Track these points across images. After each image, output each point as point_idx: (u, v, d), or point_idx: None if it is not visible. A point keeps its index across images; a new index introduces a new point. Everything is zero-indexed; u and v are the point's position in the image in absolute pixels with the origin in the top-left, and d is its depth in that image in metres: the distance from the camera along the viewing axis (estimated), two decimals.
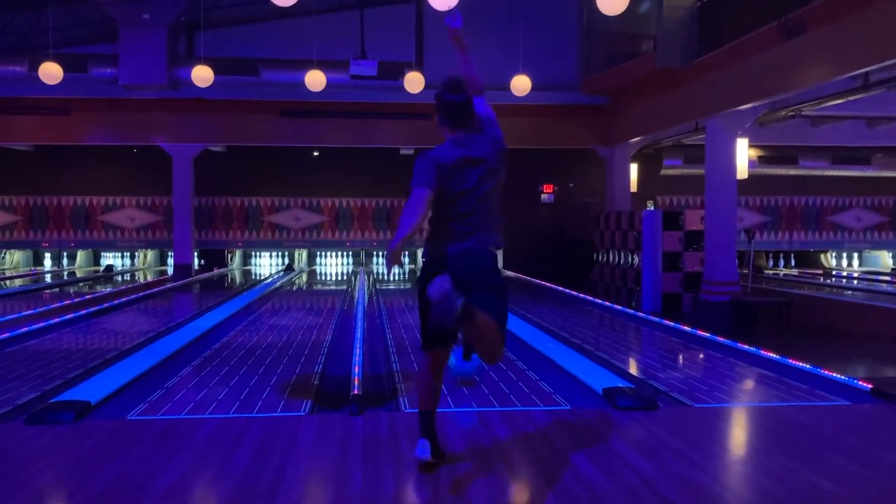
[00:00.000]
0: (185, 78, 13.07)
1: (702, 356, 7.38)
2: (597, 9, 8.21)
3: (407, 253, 20.30)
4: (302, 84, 12.45)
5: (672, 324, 8.94)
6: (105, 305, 10.55)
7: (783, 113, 12.39)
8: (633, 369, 6.62)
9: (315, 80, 12.20)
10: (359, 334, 7.78)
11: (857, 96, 10.31)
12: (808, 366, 6.16)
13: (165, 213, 18.40)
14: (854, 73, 8.54)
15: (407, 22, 14.65)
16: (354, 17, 13.80)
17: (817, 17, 8.37)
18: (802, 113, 12.61)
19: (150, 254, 19.58)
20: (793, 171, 17.84)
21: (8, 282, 15.64)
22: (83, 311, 9.82)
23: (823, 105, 11.44)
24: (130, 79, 13.27)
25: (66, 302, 11.27)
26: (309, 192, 19.00)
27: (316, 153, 18.65)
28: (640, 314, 10.13)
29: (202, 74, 12.02)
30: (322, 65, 12.62)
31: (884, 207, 19.80)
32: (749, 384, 6.12)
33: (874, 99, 10.72)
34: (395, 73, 13.25)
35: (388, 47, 13.90)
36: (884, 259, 20.04)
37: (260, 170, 18.57)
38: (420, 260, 19.92)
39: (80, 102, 15.12)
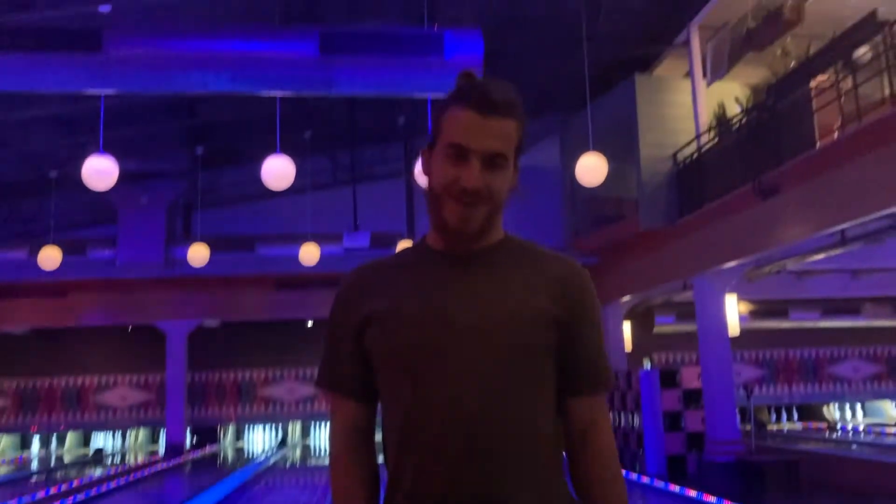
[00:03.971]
0: (182, 257, 13.35)
1: None
2: None
3: None
4: (297, 257, 12.75)
5: (678, 489, 8.68)
6: (94, 492, 10.19)
7: (768, 269, 12.62)
8: None
9: (309, 255, 12.48)
10: None
11: (837, 251, 10.53)
12: None
13: (158, 391, 18.12)
14: (830, 230, 8.79)
15: (398, 194, 15.16)
16: (348, 192, 14.32)
17: (790, 179, 8.73)
18: (787, 268, 12.84)
19: (142, 432, 19.13)
20: (785, 324, 17.87)
21: None
22: (70, 500, 9.47)
23: (806, 260, 11.67)
24: (128, 259, 13.55)
25: (52, 491, 10.88)
26: (304, 363, 18.87)
27: (310, 323, 18.71)
28: (645, 480, 9.86)
29: (198, 255, 12.29)
30: (317, 238, 12.96)
31: (879, 357, 19.71)
32: None
33: (854, 253, 10.95)
34: (387, 241, 13.58)
35: (380, 217, 14.33)
36: (887, 409, 19.72)
37: (253, 342, 18.51)
38: None
39: (76, 284, 15.25)
